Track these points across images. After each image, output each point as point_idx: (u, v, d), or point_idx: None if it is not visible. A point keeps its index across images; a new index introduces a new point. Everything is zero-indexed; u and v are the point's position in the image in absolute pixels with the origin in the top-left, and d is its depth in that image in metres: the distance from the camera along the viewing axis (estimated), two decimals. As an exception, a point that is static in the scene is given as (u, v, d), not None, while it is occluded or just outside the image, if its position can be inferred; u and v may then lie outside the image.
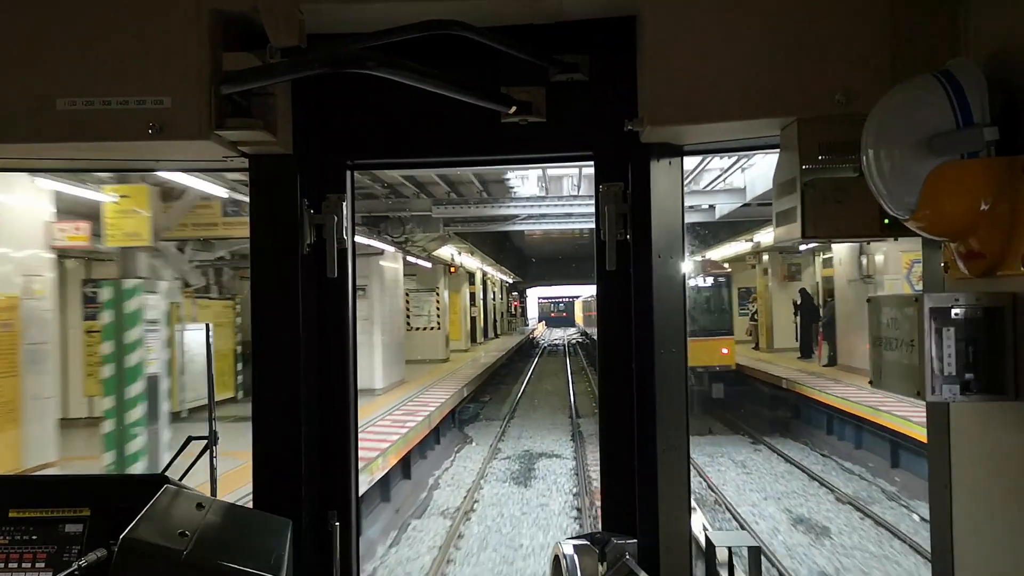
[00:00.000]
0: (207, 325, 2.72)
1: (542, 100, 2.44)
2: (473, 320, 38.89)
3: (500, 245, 39.43)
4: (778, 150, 2.23)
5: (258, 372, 2.57)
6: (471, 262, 33.97)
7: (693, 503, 10.51)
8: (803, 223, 2.06)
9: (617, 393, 2.52)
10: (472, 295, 38.29)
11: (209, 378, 2.60)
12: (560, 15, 2.43)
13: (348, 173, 2.62)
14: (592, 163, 2.54)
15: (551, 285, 79.48)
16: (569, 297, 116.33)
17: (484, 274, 42.57)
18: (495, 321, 51.02)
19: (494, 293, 51.01)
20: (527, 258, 57.78)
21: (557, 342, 70.40)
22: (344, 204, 2.56)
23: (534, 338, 68.11)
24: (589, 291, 72.60)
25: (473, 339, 38.37)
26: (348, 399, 2.62)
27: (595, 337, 59.90)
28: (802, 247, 23.82)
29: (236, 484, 5.93)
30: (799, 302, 25.83)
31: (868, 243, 3.78)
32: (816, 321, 25.04)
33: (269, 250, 2.56)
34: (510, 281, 61.05)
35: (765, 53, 2.13)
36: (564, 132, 2.50)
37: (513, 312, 71.91)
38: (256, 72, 2.25)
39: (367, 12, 2.37)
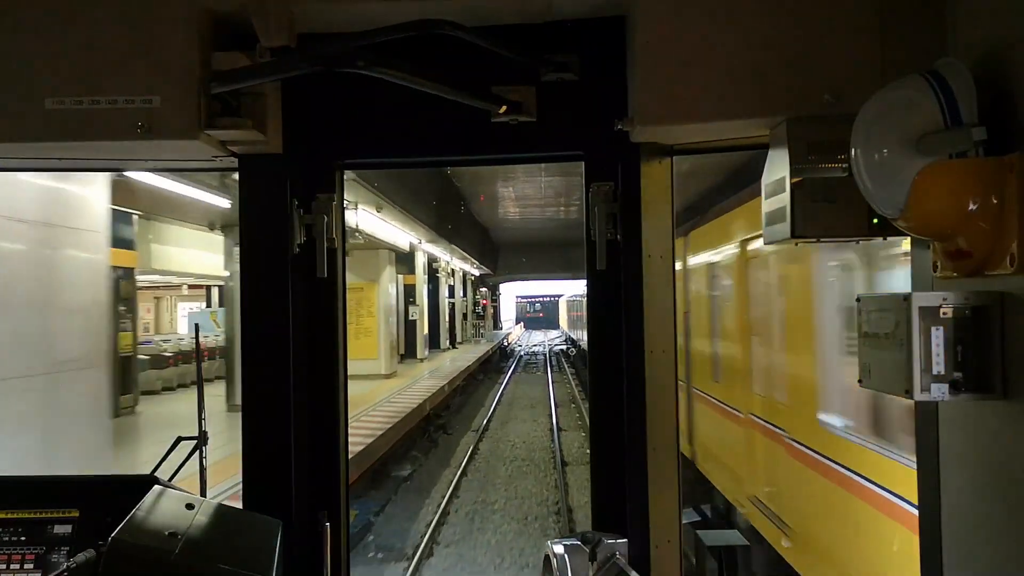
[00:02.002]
0: (196, 325, 2.72)
1: (532, 100, 2.44)
2: (412, 325, 26.87)
3: (455, 223, 26.65)
4: (768, 150, 2.23)
5: (248, 372, 2.56)
6: (391, 233, 20.61)
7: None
8: (792, 222, 2.07)
9: (607, 393, 2.52)
10: (410, 288, 26.69)
11: (199, 378, 2.60)
12: (550, 15, 2.43)
13: (338, 173, 2.61)
14: (582, 163, 2.54)
15: (530, 279, 63.23)
16: (550, 296, 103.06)
17: (431, 259, 29.84)
18: (451, 326, 37.21)
19: (450, 287, 37.15)
20: (497, 244, 44.49)
21: (536, 350, 57.60)
22: (334, 204, 2.56)
23: (508, 346, 53.99)
24: (575, 288, 59.05)
25: (411, 354, 26.69)
26: (338, 400, 2.61)
27: (583, 344, 37.73)
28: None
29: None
30: None
31: (858, 243, 3.72)
32: None
33: (259, 250, 2.55)
34: (476, 273, 47.35)
35: (755, 53, 2.13)
36: (554, 131, 2.50)
37: (481, 313, 53.99)
38: (245, 71, 2.25)
39: (357, 12, 2.37)
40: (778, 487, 6.43)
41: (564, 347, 55.43)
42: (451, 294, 38.09)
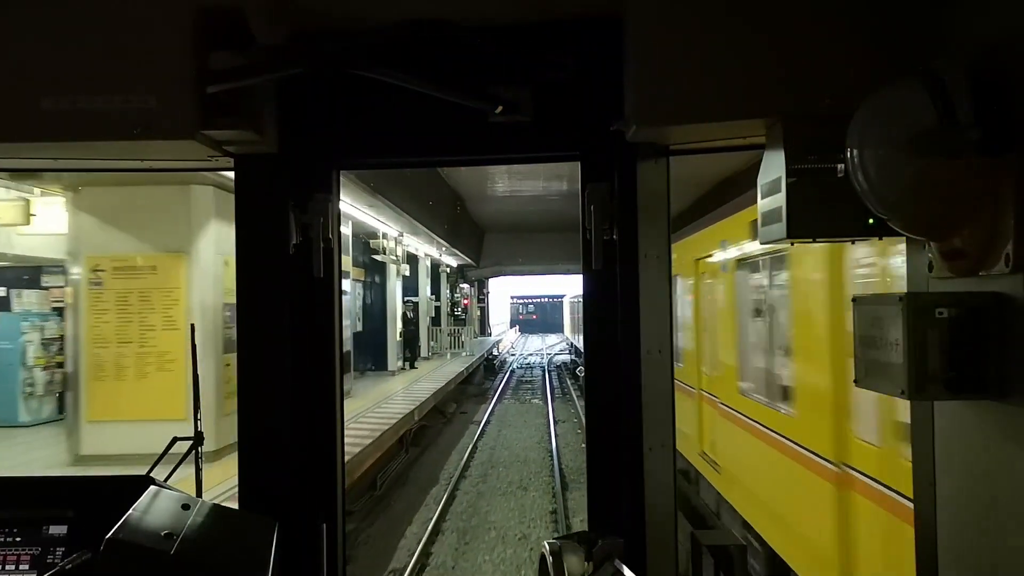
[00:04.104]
0: (192, 325, 2.72)
1: (528, 100, 2.44)
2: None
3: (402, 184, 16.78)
4: (764, 150, 2.24)
5: (244, 372, 2.56)
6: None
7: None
8: (788, 223, 2.07)
9: (603, 393, 2.52)
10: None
11: (194, 379, 2.60)
12: (546, 14, 2.43)
13: (334, 173, 2.61)
14: (579, 163, 2.54)
15: (524, 273, 47.49)
16: (549, 297, 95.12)
17: (364, 234, 20.92)
18: (409, 336, 26.13)
19: (406, 278, 26.41)
20: (480, 225, 32.98)
21: (532, 360, 47.01)
22: (330, 204, 2.55)
23: (497, 356, 42.40)
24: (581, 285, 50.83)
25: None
26: (334, 400, 2.61)
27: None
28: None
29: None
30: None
31: (854, 243, 3.77)
32: None
33: (255, 250, 2.55)
34: (452, 264, 36.48)
35: (750, 53, 2.13)
36: (550, 131, 2.51)
37: (461, 316, 41.47)
38: (241, 70, 2.24)
39: (354, 11, 2.37)
40: (712, 431, 9.93)
41: (568, 357, 44.01)
42: (412, 291, 28.17)
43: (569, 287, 68.16)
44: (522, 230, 33.86)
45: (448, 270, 37.50)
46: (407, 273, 26.09)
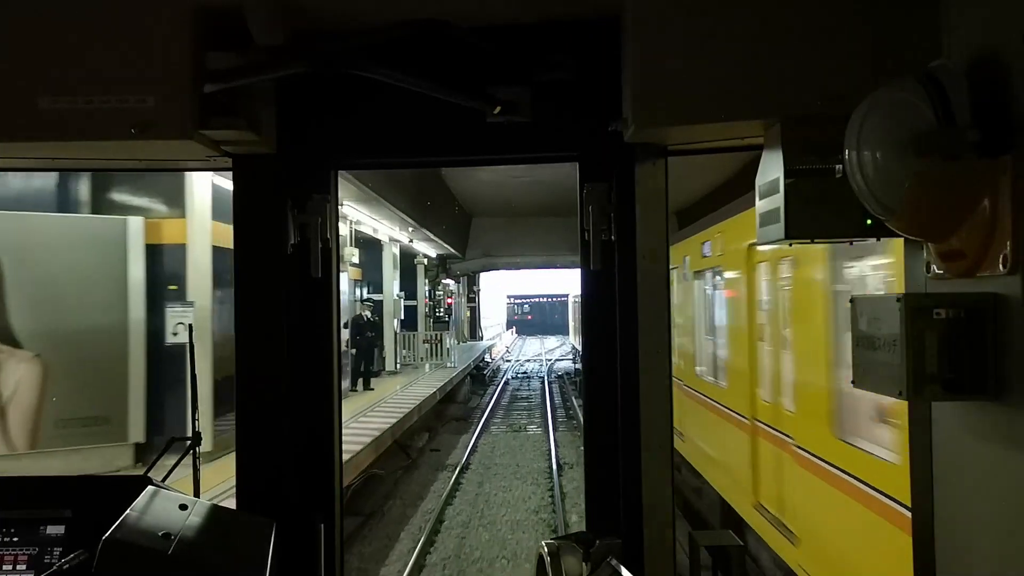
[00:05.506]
0: (190, 326, 2.72)
1: (527, 100, 2.44)
2: (169, 361, 8.36)
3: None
4: (762, 150, 2.24)
5: (242, 373, 2.56)
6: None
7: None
8: (786, 223, 2.07)
9: (602, 394, 2.52)
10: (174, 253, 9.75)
11: (192, 379, 2.60)
12: (545, 15, 2.43)
13: (332, 173, 2.61)
14: (577, 163, 2.54)
15: (519, 267, 39.59)
16: (548, 297, 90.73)
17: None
18: (362, 348, 19.84)
19: (361, 267, 21.69)
20: (462, 204, 27.02)
21: (530, 368, 42.74)
22: (328, 204, 2.56)
23: (489, 364, 38.35)
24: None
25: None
26: (332, 400, 2.61)
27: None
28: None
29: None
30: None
31: (852, 243, 3.73)
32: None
33: (253, 250, 2.55)
34: (431, 254, 31.25)
35: (749, 54, 2.13)
36: (549, 132, 2.51)
37: (443, 316, 35.46)
38: (239, 71, 2.24)
39: (352, 11, 2.37)
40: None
41: (571, 365, 39.16)
42: (377, 286, 23.08)
43: (572, 285, 62.65)
44: (516, 213, 28.11)
45: (426, 261, 31.18)
46: (356, 260, 19.89)
